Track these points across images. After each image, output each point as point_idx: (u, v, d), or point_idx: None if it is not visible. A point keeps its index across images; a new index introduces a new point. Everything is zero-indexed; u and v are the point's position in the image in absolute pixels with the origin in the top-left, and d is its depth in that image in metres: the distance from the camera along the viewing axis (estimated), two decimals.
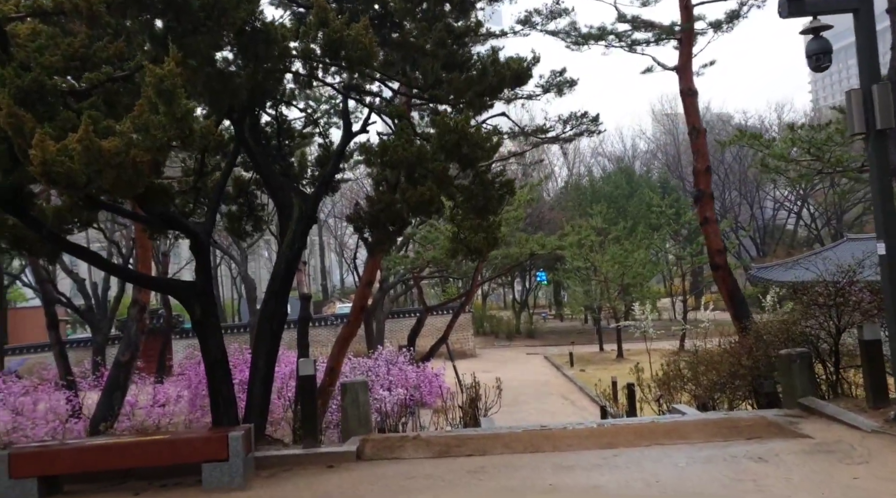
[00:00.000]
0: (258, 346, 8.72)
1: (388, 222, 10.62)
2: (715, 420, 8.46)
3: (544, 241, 28.69)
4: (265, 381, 8.54)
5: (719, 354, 15.08)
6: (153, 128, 5.53)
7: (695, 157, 14.94)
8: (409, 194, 8.13)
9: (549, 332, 53.72)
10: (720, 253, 14.65)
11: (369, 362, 22.39)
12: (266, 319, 8.64)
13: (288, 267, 8.75)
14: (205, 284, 8.26)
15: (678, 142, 70.21)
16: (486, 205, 8.43)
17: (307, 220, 8.87)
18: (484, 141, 7.85)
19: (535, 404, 25.37)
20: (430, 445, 8.00)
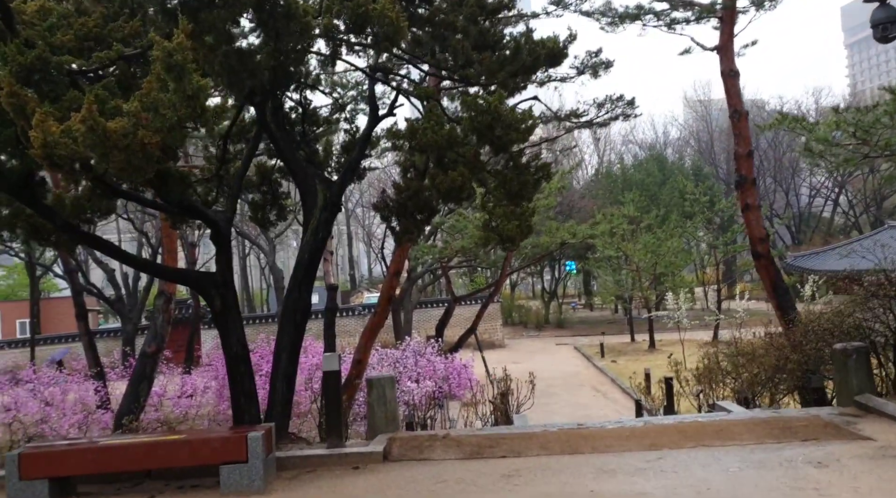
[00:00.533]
0: (281, 338, 8.33)
1: (415, 211, 10.18)
2: (765, 419, 7.91)
3: (575, 229, 28.07)
4: (288, 376, 8.16)
5: (762, 347, 14.47)
6: (162, 107, 5.11)
7: (736, 140, 14.27)
8: (440, 180, 7.66)
9: (579, 322, 53.09)
10: (763, 241, 13.99)
11: (397, 353, 22.04)
12: (289, 311, 8.25)
13: (312, 256, 8.34)
14: (225, 275, 7.89)
15: (711, 129, 68.97)
16: (521, 190, 7.93)
17: (332, 208, 8.45)
18: (518, 122, 7.34)
19: (566, 396, 24.86)
20: (460, 445, 7.56)
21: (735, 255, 42.63)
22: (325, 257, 18.96)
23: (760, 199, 56.51)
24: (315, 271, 8.55)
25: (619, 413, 21.46)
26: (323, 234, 8.35)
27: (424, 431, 8.22)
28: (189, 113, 5.16)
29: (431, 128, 7.43)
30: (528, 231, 9.25)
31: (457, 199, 7.93)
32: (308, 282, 8.33)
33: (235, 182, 8.54)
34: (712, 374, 12.78)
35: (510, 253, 27.83)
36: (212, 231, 7.96)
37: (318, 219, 8.30)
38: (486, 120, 7.21)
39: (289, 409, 8.25)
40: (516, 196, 8.00)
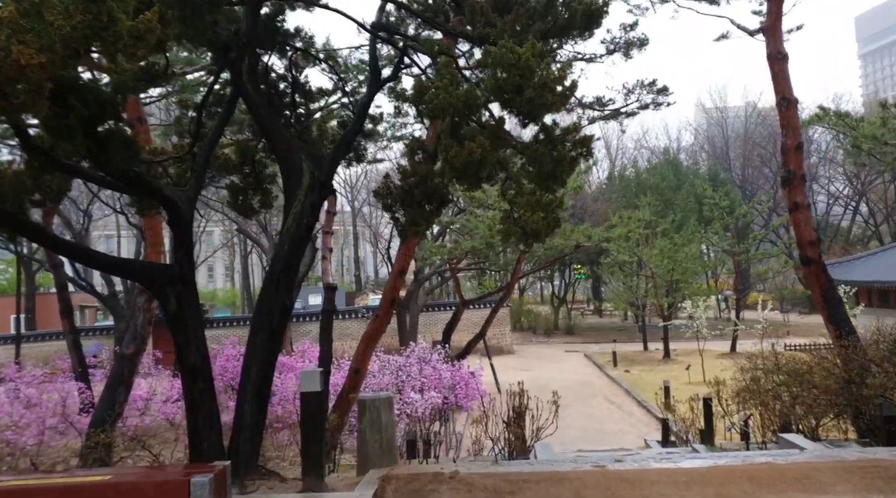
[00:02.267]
0: (252, 347, 6.77)
1: (423, 199, 8.68)
2: (856, 463, 6.33)
3: (591, 232, 26.52)
4: (260, 394, 6.59)
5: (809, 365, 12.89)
6: (49, 9, 3.60)
7: (784, 131, 12.70)
8: (454, 154, 6.13)
9: (589, 328, 51.51)
10: (813, 245, 12.40)
11: (400, 360, 20.53)
12: (263, 314, 6.71)
13: (294, 248, 6.82)
14: (183, 269, 6.38)
15: (726, 134, 67.34)
16: (555, 169, 6.40)
17: (321, 190, 6.93)
18: (555, 81, 5.82)
19: (579, 407, 23.31)
20: (472, 489, 6.02)
21: (749, 264, 41.01)
22: (324, 255, 17.46)
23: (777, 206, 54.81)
24: (297, 265, 7.04)
25: (637, 429, 19.89)
26: (308, 220, 6.82)
27: (427, 467, 6.74)
28: (89, 23, 3.64)
29: (444, 87, 5.91)
30: (555, 224, 7.72)
31: (475, 178, 6.39)
32: (288, 279, 6.82)
33: (202, 155, 7.03)
34: (758, 396, 11.18)
35: (523, 255, 26.33)
36: (168, 213, 6.47)
37: (302, 203, 6.78)
38: (514, 78, 5.69)
39: (260, 433, 6.71)
40: (549, 177, 6.46)
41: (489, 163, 6.16)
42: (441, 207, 9.25)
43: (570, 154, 6.40)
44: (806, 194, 12.69)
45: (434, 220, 9.67)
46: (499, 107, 6.31)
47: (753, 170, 64.78)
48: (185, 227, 6.49)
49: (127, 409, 18.95)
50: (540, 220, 7.34)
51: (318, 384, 6.04)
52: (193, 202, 6.72)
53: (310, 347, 22.86)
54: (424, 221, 9.03)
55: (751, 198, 47.50)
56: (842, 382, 10.39)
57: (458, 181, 6.79)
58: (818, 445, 7.48)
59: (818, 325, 44.22)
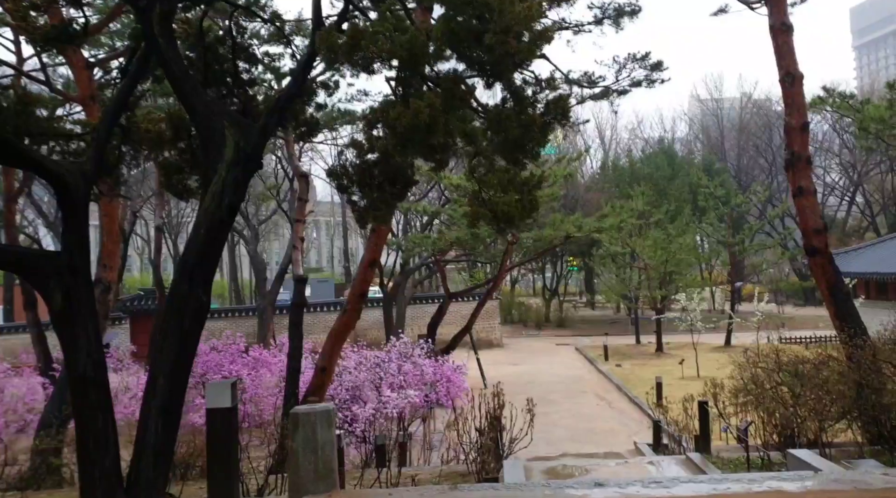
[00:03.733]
0: (159, 353, 5.60)
1: (385, 180, 7.61)
2: (881, 492, 5.30)
3: (581, 222, 25.47)
4: (167, 410, 5.43)
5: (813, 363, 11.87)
6: None
7: (787, 110, 11.65)
8: (395, 114, 5.05)
9: (581, 321, 50.61)
10: (819, 233, 11.37)
11: (381, 355, 19.47)
12: (173, 314, 5.58)
13: (212, 233, 5.69)
14: (73, 257, 5.29)
15: (722, 125, 66.38)
16: (523, 137, 5.33)
17: (247, 164, 5.82)
18: (521, 23, 4.73)
19: (568, 405, 22.35)
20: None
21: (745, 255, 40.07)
22: (295, 245, 16.39)
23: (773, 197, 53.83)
24: (215, 255, 5.91)
25: (628, 427, 18.91)
26: (231, 200, 5.71)
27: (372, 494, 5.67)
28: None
29: (385, 30, 4.83)
30: (531, 208, 6.68)
31: (424, 146, 5.30)
32: (204, 272, 5.69)
33: (103, 123, 5.92)
34: (759, 399, 10.17)
35: (510, 247, 25.29)
36: (55, 190, 5.39)
37: (224, 179, 5.68)
38: (470, 21, 4.61)
39: (166, 460, 5.59)
40: (515, 146, 5.41)
41: (441, 128, 5.08)
42: (406, 189, 8.21)
43: (542, 119, 5.34)
44: (812, 178, 11.65)
45: (397, 204, 8.58)
46: (457, 61, 5.26)
47: (749, 160, 63.91)
48: (77, 206, 5.40)
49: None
50: (513, 203, 6.30)
51: (229, 399, 4.96)
52: (92, 178, 5.63)
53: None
54: (385, 206, 7.98)
55: (746, 188, 46.50)
56: (854, 387, 9.38)
57: (403, 150, 5.71)
58: (833, 466, 6.47)
59: (814, 316, 43.55)
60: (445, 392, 18.22)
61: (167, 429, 5.33)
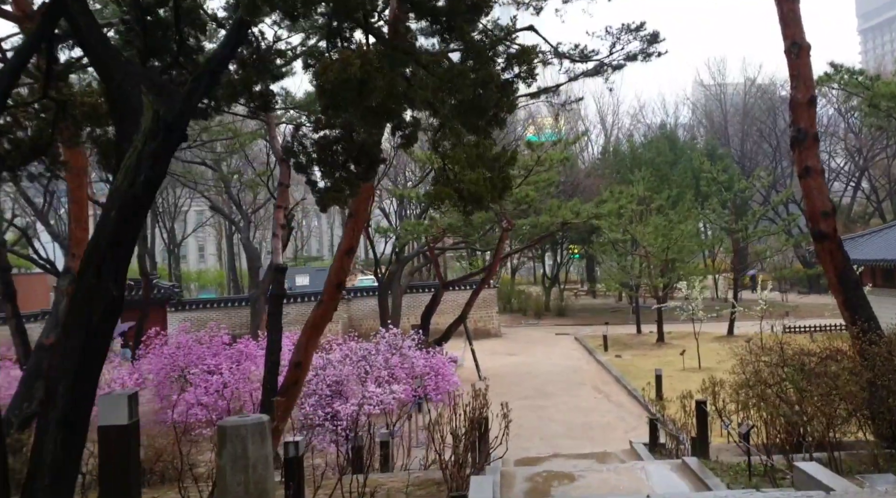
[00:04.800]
0: (62, 357, 4.79)
1: (348, 158, 6.81)
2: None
3: (579, 208, 24.67)
4: (70, 421, 4.60)
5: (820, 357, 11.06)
6: None
7: (793, 82, 10.78)
8: (321, 68, 4.23)
9: (581, 309, 49.84)
10: (827, 217, 10.52)
11: (369, 347, 18.70)
12: (79, 309, 4.75)
13: (124, 216, 4.86)
14: None
15: (725, 109, 65.24)
16: (482, 99, 4.50)
17: (167, 135, 4.98)
18: None
19: (565, 397, 21.61)
20: None
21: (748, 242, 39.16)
22: (275, 232, 15.60)
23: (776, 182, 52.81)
24: (130, 241, 5.09)
25: (625, 422, 18.16)
26: (148, 175, 4.88)
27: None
28: None
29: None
30: (503, 186, 5.89)
31: (358, 107, 4.46)
32: (116, 260, 4.88)
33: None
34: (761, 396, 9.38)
35: (505, 234, 24.49)
36: None
37: (139, 152, 4.86)
38: None
39: (68, 478, 4.77)
40: (471, 108, 4.59)
41: (378, 86, 4.25)
42: (372, 169, 7.40)
43: (501, 75, 4.51)
44: (819, 158, 10.79)
45: (362, 184, 7.75)
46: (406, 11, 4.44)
47: (752, 145, 62.88)
48: None
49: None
50: (481, 181, 5.48)
51: (125, 414, 4.15)
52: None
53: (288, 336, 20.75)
54: (349, 186, 7.15)
55: (750, 173, 45.53)
56: (867, 386, 8.57)
57: (332, 110, 4.86)
58: (847, 485, 5.67)
59: (819, 305, 42.65)
60: (434, 386, 17.46)
61: (69, 444, 4.51)
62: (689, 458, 8.96)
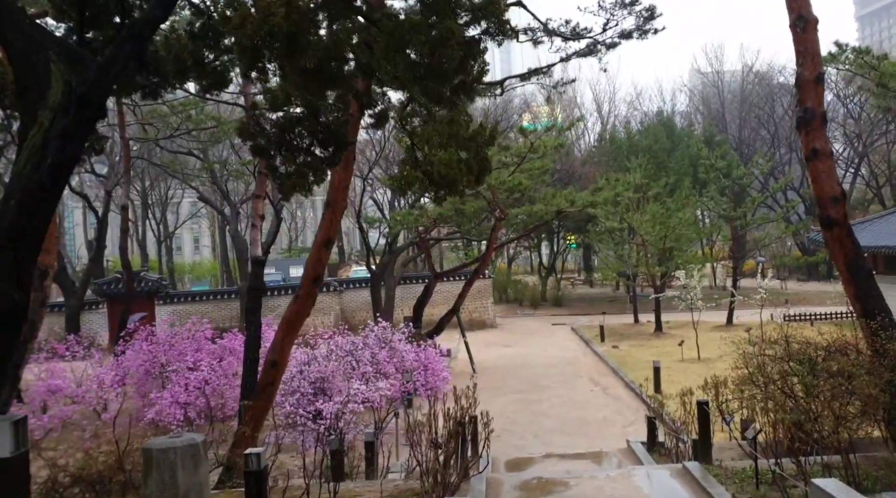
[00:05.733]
0: None
1: (312, 141, 6.12)
2: None
3: (574, 196, 23.98)
4: None
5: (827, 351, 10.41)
6: None
7: (799, 59, 10.06)
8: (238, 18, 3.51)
9: (578, 299, 49.22)
10: (836, 202, 9.83)
11: (357, 341, 18.01)
12: None
13: (27, 205, 4.15)
14: None
15: (722, 96, 64.47)
16: (442, 59, 3.80)
17: (80, 110, 4.27)
18: None
19: (560, 390, 20.97)
20: None
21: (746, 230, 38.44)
22: (254, 223, 14.89)
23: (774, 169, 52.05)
24: (37, 237, 4.38)
25: (623, 416, 17.51)
26: (58, 158, 4.17)
27: None
28: None
29: None
30: (481, 169, 5.17)
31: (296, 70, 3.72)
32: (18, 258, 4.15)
33: None
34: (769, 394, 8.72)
35: (498, 223, 23.80)
36: None
37: (45, 131, 4.14)
38: None
39: None
40: (431, 72, 3.88)
41: (313, 42, 3.54)
42: (339, 153, 6.69)
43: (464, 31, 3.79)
44: (827, 139, 10.09)
45: (328, 170, 7.05)
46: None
47: (750, 132, 62.22)
48: None
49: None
50: (454, 163, 4.76)
51: (8, 444, 3.43)
52: None
53: (268, 325, 19.96)
54: (313, 172, 6.45)
55: (748, 161, 44.82)
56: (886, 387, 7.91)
57: (246, 66, 4.15)
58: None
59: (818, 292, 41.97)
60: (424, 381, 16.80)
61: None
62: (691, 463, 8.32)
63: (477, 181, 5.11)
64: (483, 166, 5.06)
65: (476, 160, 5.07)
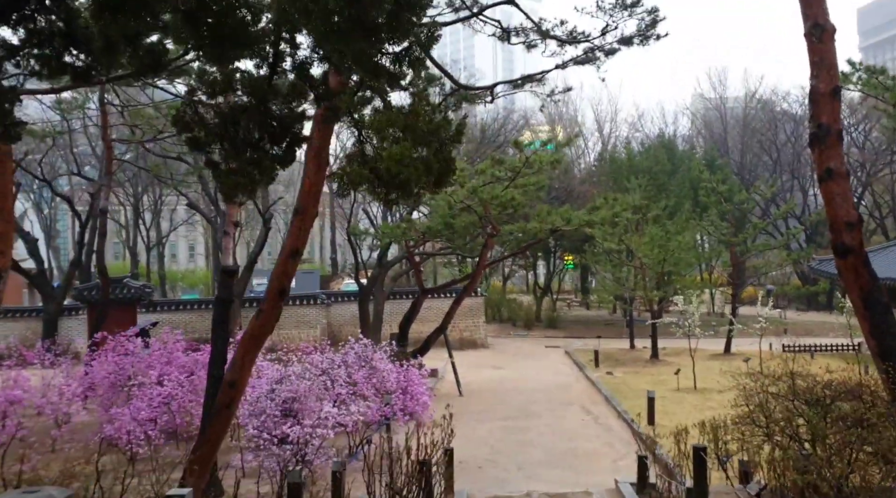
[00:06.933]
0: None
1: (264, 135, 5.29)
2: None
3: (570, 215, 23.07)
4: None
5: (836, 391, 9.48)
6: None
7: (814, 71, 9.20)
8: None
9: (574, 321, 48.27)
10: (851, 228, 8.94)
11: (336, 359, 17.03)
12: None
13: None
14: None
15: (725, 121, 63.91)
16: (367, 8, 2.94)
17: None
18: None
19: (549, 418, 19.93)
20: None
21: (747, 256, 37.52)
22: (226, 230, 14.00)
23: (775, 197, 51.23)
24: None
25: (614, 449, 16.48)
26: None
27: None
28: None
29: None
30: (443, 170, 4.26)
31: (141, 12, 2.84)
32: None
33: None
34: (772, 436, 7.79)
35: (490, 240, 22.91)
36: None
37: None
38: None
39: None
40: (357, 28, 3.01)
41: None
42: (293, 150, 5.80)
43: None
44: (843, 158, 9.21)
45: (278, 171, 6.18)
46: None
47: (752, 157, 61.66)
48: None
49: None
50: (408, 160, 3.86)
51: None
52: None
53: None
54: (260, 172, 5.57)
55: (749, 186, 44.03)
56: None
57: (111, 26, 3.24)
58: None
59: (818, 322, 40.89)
60: (402, 406, 15.81)
61: None
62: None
63: (437, 184, 4.25)
64: (445, 167, 4.21)
65: (437, 159, 4.21)
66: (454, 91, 10.48)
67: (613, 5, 10.03)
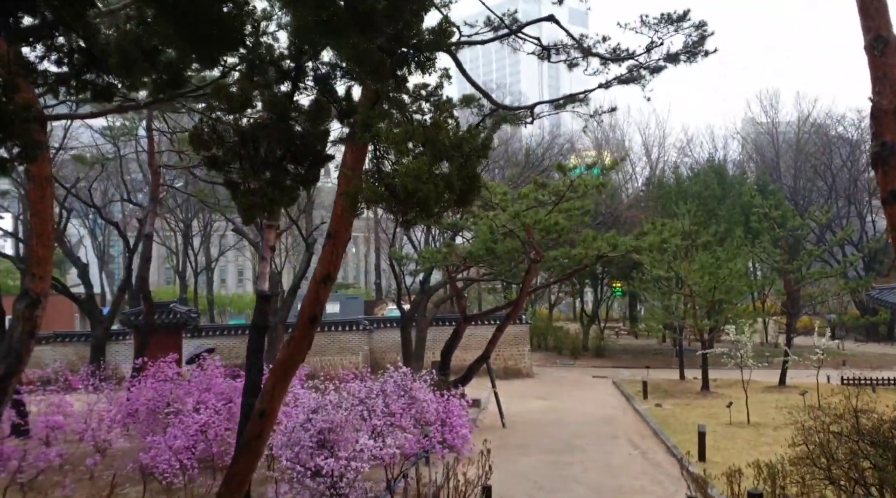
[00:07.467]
0: None
1: (286, 154, 5.03)
2: None
3: (617, 240, 22.41)
4: None
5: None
6: None
7: (875, 86, 8.59)
8: None
9: (622, 350, 47.22)
10: None
11: (375, 388, 16.60)
12: None
13: None
14: None
15: (777, 145, 62.45)
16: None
17: None
18: None
19: (594, 453, 19.15)
20: None
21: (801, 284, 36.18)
22: (264, 256, 13.81)
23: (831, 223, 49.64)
24: None
25: (662, 487, 15.66)
26: None
27: None
28: None
29: None
30: (467, 188, 3.85)
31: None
32: None
33: None
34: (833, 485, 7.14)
35: (533, 265, 22.37)
36: None
37: None
38: None
39: None
40: (354, 19, 2.66)
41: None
42: (316, 170, 5.52)
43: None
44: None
45: (301, 189, 5.84)
46: None
47: (806, 182, 59.95)
48: None
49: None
50: (426, 177, 3.48)
51: None
52: None
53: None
54: (281, 192, 5.25)
55: (803, 212, 42.63)
56: None
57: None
58: None
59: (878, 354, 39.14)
60: (441, 438, 15.29)
61: None
62: None
63: (460, 202, 3.88)
64: (469, 184, 3.84)
65: (460, 175, 3.83)
66: (493, 111, 10.14)
67: (659, 20, 9.59)
